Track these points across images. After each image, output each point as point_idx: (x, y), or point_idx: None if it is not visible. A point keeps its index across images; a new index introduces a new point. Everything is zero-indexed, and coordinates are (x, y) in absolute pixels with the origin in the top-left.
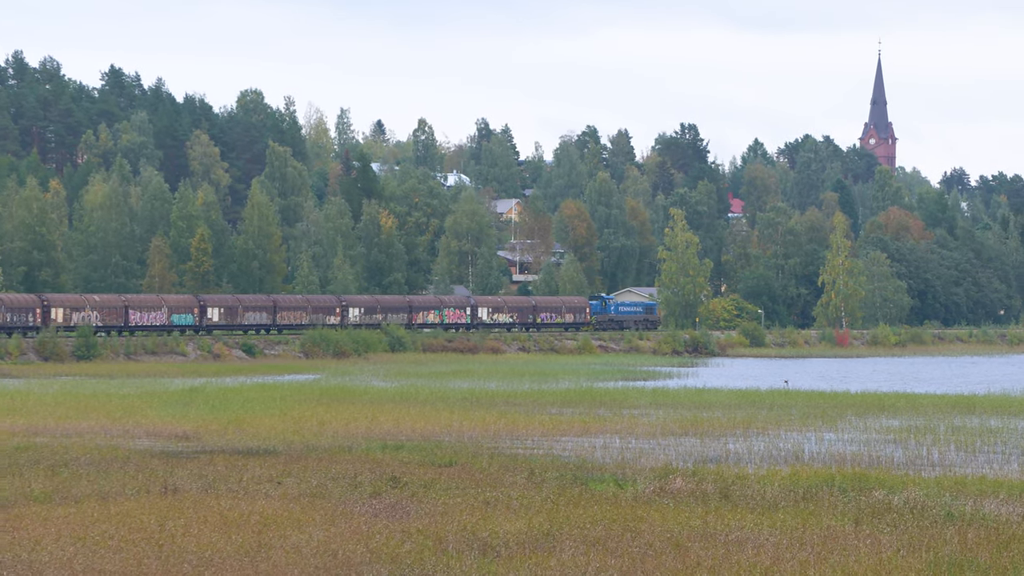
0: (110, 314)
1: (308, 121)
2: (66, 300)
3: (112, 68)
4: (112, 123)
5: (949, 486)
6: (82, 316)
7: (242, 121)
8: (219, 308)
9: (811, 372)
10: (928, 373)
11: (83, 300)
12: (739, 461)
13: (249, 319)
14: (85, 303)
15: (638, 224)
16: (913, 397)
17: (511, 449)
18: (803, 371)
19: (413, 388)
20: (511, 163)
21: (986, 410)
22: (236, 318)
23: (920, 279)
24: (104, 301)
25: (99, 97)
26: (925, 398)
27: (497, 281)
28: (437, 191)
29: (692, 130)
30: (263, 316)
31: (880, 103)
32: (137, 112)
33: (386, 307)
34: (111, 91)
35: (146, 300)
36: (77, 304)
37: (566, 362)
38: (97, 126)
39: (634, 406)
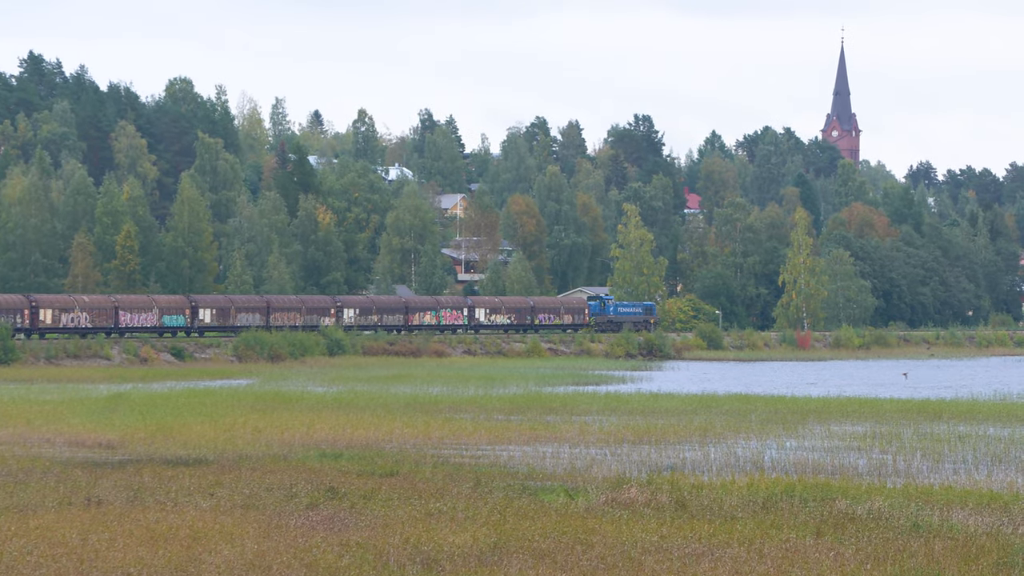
0: (100, 315)
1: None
2: (55, 301)
3: (31, 54)
4: (31, 113)
5: (915, 496)
6: (71, 317)
7: (171, 111)
8: (211, 309)
9: (771, 376)
10: (892, 377)
11: (72, 301)
12: (696, 470)
13: (242, 320)
14: (74, 304)
15: (590, 220)
16: (877, 402)
17: (456, 458)
18: (762, 375)
19: (352, 393)
20: (456, 156)
21: (953, 416)
22: (229, 319)
23: (885, 278)
24: (94, 302)
25: (17, 85)
26: (890, 403)
27: (441, 280)
28: (378, 185)
29: (646, 122)
30: (256, 317)
31: (843, 94)
32: (58, 101)
33: (382, 308)
34: (30, 79)
35: (136, 301)
36: (66, 305)
37: (514, 366)
38: (15, 116)
39: (585, 412)
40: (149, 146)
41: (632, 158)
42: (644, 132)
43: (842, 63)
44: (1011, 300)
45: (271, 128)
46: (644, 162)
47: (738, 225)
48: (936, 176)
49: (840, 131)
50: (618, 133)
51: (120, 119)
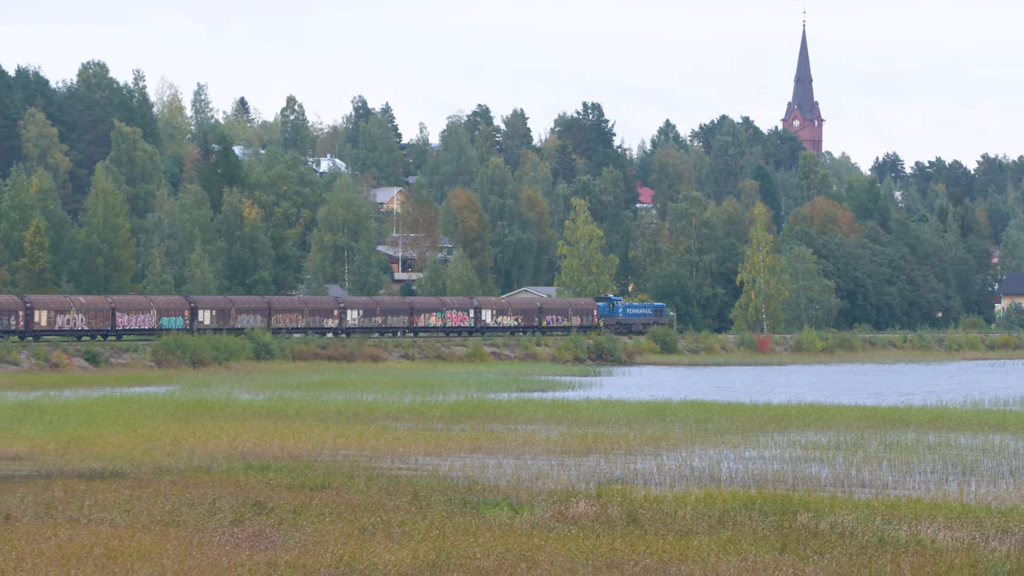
0: (96, 316)
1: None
2: (50, 302)
3: None
4: None
5: (881, 509)
6: (67, 319)
7: (84, 98)
8: (211, 310)
9: (729, 382)
10: (858, 382)
11: (68, 302)
12: (649, 482)
13: (243, 322)
14: (70, 305)
15: (536, 216)
16: (841, 409)
17: (392, 470)
18: (719, 380)
19: (281, 401)
20: (392, 147)
21: (922, 424)
22: (229, 321)
23: (849, 277)
24: (90, 303)
25: None
26: (854, 410)
27: (376, 280)
28: (308, 178)
29: (596, 110)
30: (257, 319)
31: (805, 81)
32: None
33: (386, 309)
34: None
35: (134, 302)
36: (62, 306)
37: (454, 371)
38: None
39: (531, 421)
40: (60, 135)
41: (581, 149)
42: (593, 122)
43: (804, 48)
44: (983, 301)
45: (193, 116)
46: (593, 153)
47: (693, 221)
48: (903, 168)
49: (802, 120)
50: (566, 123)
51: (29, 106)
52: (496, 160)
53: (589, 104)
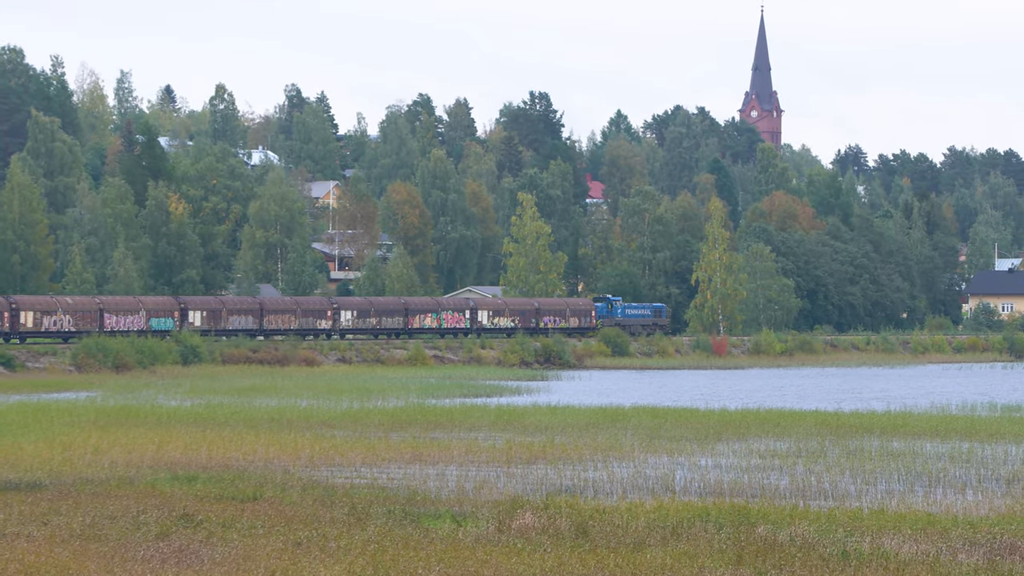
0: (84, 318)
1: (80, 86)
2: (36, 303)
3: None
4: None
5: (843, 520)
6: (54, 320)
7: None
8: (201, 311)
9: (683, 386)
10: (819, 387)
11: (55, 303)
12: (599, 492)
13: (234, 323)
14: (57, 306)
15: (480, 211)
16: (802, 415)
17: (328, 479)
18: (673, 385)
19: (210, 407)
20: (328, 138)
21: (886, 431)
22: (220, 322)
23: (810, 276)
24: (77, 304)
25: None
26: (815, 416)
27: (312, 279)
28: (239, 171)
29: (543, 100)
30: (249, 320)
31: (763, 69)
32: None
33: (380, 310)
34: None
35: (123, 303)
36: (48, 307)
37: (395, 375)
38: None
39: (475, 428)
40: None
41: (527, 141)
42: (541, 112)
43: (762, 35)
44: (949, 301)
45: (116, 105)
46: (541, 146)
47: (646, 216)
48: (866, 162)
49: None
50: (511, 113)
51: None
52: (438, 152)
53: (536, 93)
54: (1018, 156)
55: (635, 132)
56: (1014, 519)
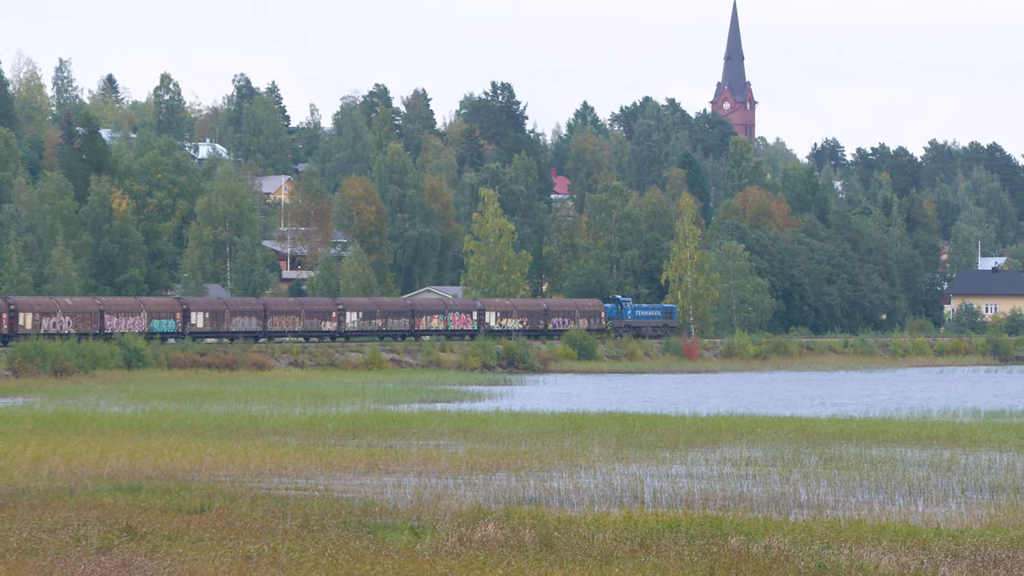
0: (84, 319)
1: (17, 75)
2: (36, 304)
3: None
4: None
5: (820, 531)
6: (53, 322)
7: None
8: (204, 313)
9: (653, 391)
10: (795, 391)
11: (54, 304)
12: (564, 502)
13: (237, 325)
14: (57, 307)
15: (439, 208)
16: (777, 421)
17: (280, 490)
18: (643, 390)
19: (154, 414)
20: (279, 131)
21: (865, 437)
22: (223, 324)
23: (785, 276)
24: (78, 305)
25: None
26: (791, 422)
27: (262, 279)
28: (185, 165)
29: (506, 91)
30: (252, 321)
31: (736, 59)
32: None
33: (386, 311)
34: None
35: (124, 304)
36: (48, 308)
37: (350, 380)
38: None
39: (434, 435)
40: None
41: (489, 134)
42: (503, 103)
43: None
44: (931, 302)
45: (54, 96)
46: (503, 139)
47: (614, 213)
48: (844, 156)
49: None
50: (472, 104)
51: None
52: (395, 146)
53: (498, 84)
54: (1002, 150)
55: (602, 125)
56: (998, 530)
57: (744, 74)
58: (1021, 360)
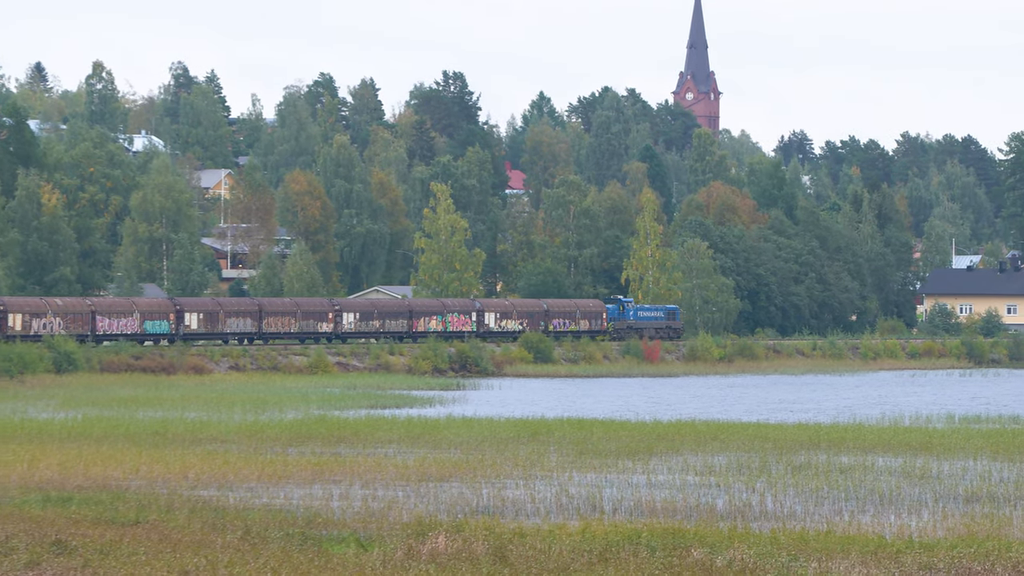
0: (75, 321)
1: None
2: (25, 305)
3: None
4: None
5: (787, 543)
6: (43, 323)
7: None
8: (198, 314)
9: (612, 396)
10: (761, 396)
11: (44, 305)
12: (519, 513)
13: (232, 326)
14: (47, 308)
15: (388, 203)
16: (742, 427)
17: (219, 500)
18: (602, 394)
19: (86, 421)
20: (219, 122)
21: (834, 444)
22: (217, 325)
23: (751, 275)
24: (68, 306)
25: None
26: (757, 429)
27: (202, 278)
28: (119, 158)
29: (458, 80)
30: (248, 323)
31: (699, 48)
32: None
33: (384, 312)
34: None
35: (116, 304)
36: (38, 309)
37: (293, 384)
38: None
39: (383, 442)
40: None
41: (440, 126)
42: (455, 94)
43: (698, 10)
44: (903, 302)
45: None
46: (455, 131)
47: (572, 209)
48: (812, 149)
49: (696, 93)
50: (423, 95)
51: None
52: (342, 138)
53: (450, 73)
54: (977, 143)
55: (559, 116)
56: (973, 541)
57: (708, 63)
58: (997, 363)
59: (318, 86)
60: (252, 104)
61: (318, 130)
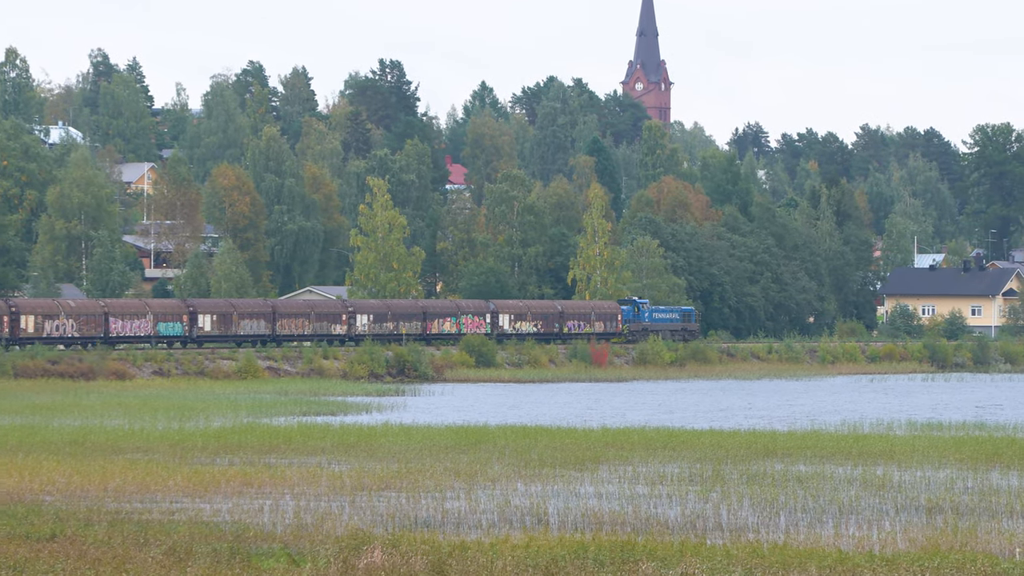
0: (88, 322)
1: None
2: (38, 306)
3: None
4: None
5: (741, 557)
6: (56, 325)
7: None
8: (211, 315)
9: (559, 402)
10: (714, 402)
11: (57, 306)
12: (460, 525)
13: (245, 328)
14: (59, 309)
15: (322, 199)
16: (694, 435)
17: (143, 513)
18: (547, 400)
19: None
20: (142, 113)
21: (791, 452)
22: (230, 327)
23: (704, 275)
24: (81, 307)
25: None
26: (710, 436)
27: (123, 278)
28: (35, 151)
29: (395, 70)
30: (261, 325)
31: (650, 35)
32: None
33: (398, 314)
34: None
35: (128, 306)
36: (51, 311)
37: (222, 390)
38: None
39: (316, 451)
40: None
41: (377, 117)
42: (393, 84)
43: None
44: (862, 303)
45: None
46: (393, 123)
47: (515, 205)
48: (768, 142)
49: (646, 83)
50: (358, 84)
51: None
52: (272, 130)
53: (387, 62)
54: (940, 136)
55: (502, 107)
56: (936, 554)
57: (658, 52)
58: (960, 367)
59: (247, 75)
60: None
61: (247, 122)
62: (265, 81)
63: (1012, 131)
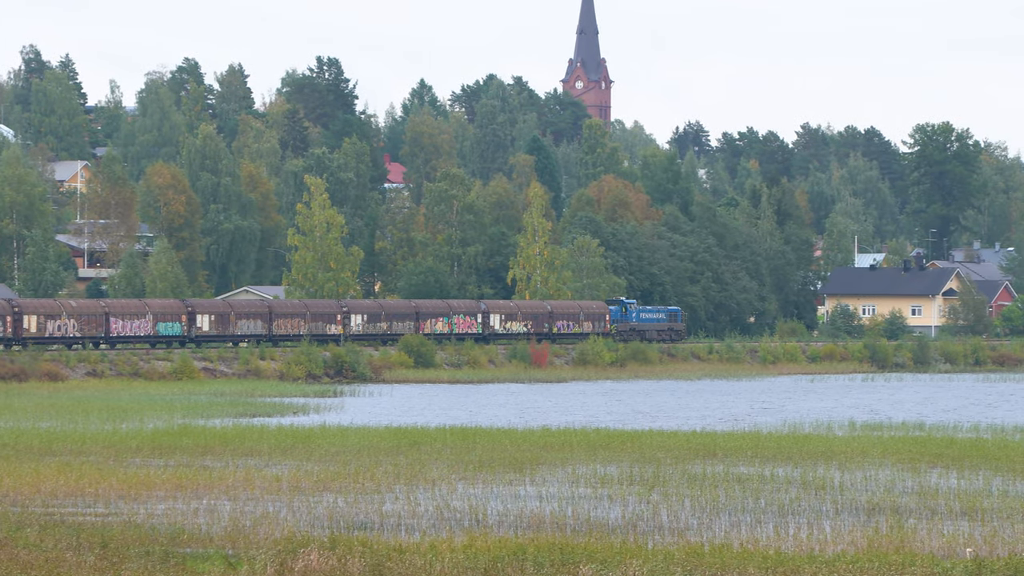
0: (89, 322)
1: None
2: (40, 306)
3: None
4: None
5: (682, 558)
6: (58, 325)
7: None
8: (209, 315)
9: (498, 403)
10: (655, 403)
11: (59, 307)
12: (398, 527)
13: (243, 328)
14: (61, 310)
15: (259, 198)
16: (634, 436)
17: (75, 516)
18: (486, 401)
19: None
20: (75, 110)
21: (732, 453)
22: (228, 327)
23: (644, 274)
24: (82, 307)
25: None
26: (651, 437)
27: (56, 278)
28: None
29: (333, 67)
30: (258, 324)
31: (589, 33)
32: None
33: (391, 314)
34: None
35: (128, 306)
36: (53, 311)
37: (156, 391)
38: None
39: (252, 453)
40: None
41: (314, 115)
42: (330, 81)
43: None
44: (803, 303)
45: None
46: (331, 121)
47: (455, 204)
48: (708, 141)
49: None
50: (296, 82)
51: None
52: (207, 128)
53: (324, 59)
54: (880, 135)
55: (441, 106)
56: (877, 556)
57: (599, 50)
58: (901, 367)
59: (182, 72)
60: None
61: (182, 119)
62: (201, 78)
63: (952, 130)
